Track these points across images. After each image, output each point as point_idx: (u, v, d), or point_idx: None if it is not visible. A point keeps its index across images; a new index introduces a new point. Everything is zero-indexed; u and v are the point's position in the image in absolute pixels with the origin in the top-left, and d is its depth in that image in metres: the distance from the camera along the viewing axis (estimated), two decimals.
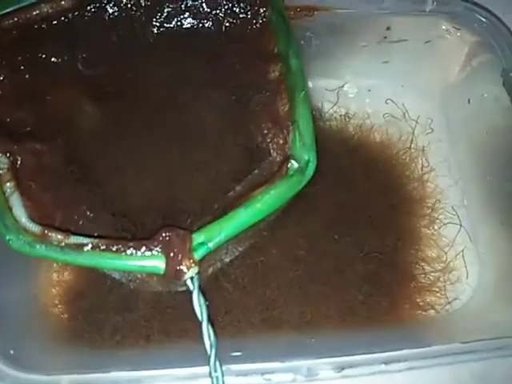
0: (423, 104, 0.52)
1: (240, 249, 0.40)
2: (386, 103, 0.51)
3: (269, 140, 0.40)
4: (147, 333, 0.39)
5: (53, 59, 0.40)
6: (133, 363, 0.34)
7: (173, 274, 0.33)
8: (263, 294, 0.40)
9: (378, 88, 0.52)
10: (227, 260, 0.40)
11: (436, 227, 0.47)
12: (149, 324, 0.39)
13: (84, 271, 0.41)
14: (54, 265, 0.42)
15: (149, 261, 0.32)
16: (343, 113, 0.50)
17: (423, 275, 0.44)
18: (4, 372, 0.32)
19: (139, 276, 0.36)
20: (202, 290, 0.33)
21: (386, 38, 0.49)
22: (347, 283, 0.42)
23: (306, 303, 0.40)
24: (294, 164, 0.37)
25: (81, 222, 0.35)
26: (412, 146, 0.50)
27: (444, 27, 0.47)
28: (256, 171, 0.40)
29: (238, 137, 0.41)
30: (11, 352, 0.33)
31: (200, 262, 0.33)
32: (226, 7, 0.42)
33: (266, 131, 0.40)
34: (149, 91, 0.41)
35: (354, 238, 0.43)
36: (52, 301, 0.40)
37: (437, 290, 0.44)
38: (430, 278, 0.45)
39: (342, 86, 0.51)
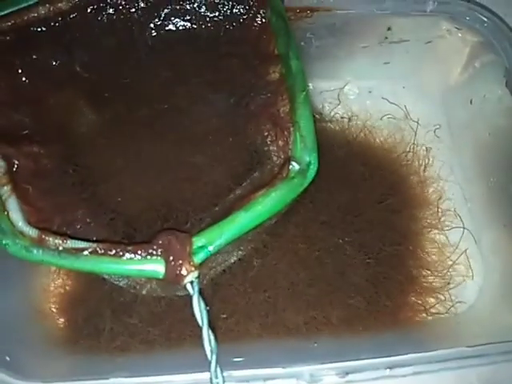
0: (425, 105, 0.51)
1: (240, 252, 0.40)
2: (387, 104, 0.51)
3: (269, 142, 0.39)
4: (147, 338, 0.38)
5: (50, 62, 0.39)
6: (132, 369, 0.34)
7: (172, 278, 0.32)
8: (264, 299, 0.40)
9: (379, 89, 0.51)
10: (227, 264, 0.40)
11: (439, 230, 0.46)
12: (148, 329, 0.38)
13: (81, 276, 0.40)
14: (51, 270, 0.41)
15: (148, 265, 0.32)
16: (344, 114, 0.50)
17: (427, 278, 0.44)
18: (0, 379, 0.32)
19: (138, 280, 0.36)
20: (202, 295, 0.32)
21: (386, 38, 0.48)
22: (349, 287, 0.41)
23: (308, 307, 0.40)
24: (295, 166, 0.36)
25: (79, 227, 0.35)
26: (414, 147, 0.49)
27: (445, 27, 0.47)
28: (256, 173, 0.39)
29: (238, 139, 0.40)
30: (7, 358, 0.33)
31: (200, 266, 0.33)
32: (224, 9, 0.41)
33: (266, 133, 0.40)
34: (147, 94, 0.41)
35: (356, 241, 0.42)
36: (49, 307, 0.40)
37: (441, 293, 0.43)
38: (434, 281, 0.44)
39: (343, 88, 0.51)
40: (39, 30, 0.39)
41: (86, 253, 0.31)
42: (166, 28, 0.42)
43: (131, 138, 0.40)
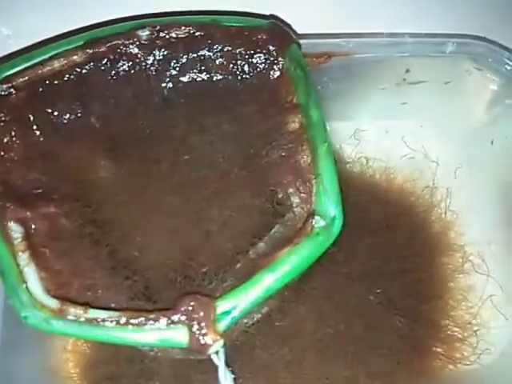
0: (444, 145, 0.50)
1: (262, 311, 0.38)
2: (405, 145, 0.50)
3: (290, 194, 0.38)
4: None
5: (66, 116, 0.39)
6: None
7: (197, 347, 0.31)
8: (287, 358, 0.38)
9: (396, 129, 0.50)
10: (248, 324, 0.38)
11: (463, 275, 0.45)
12: None
13: None
14: None
15: (171, 334, 0.31)
16: (361, 155, 0.49)
17: (453, 328, 0.42)
18: None
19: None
20: (228, 364, 0.31)
21: (404, 80, 0.47)
22: (375, 340, 0.39)
23: (335, 366, 0.38)
24: (320, 221, 0.35)
25: (98, 291, 0.33)
26: (434, 189, 0.48)
27: (465, 68, 0.46)
28: (278, 227, 0.38)
29: (258, 191, 0.39)
30: None
31: (225, 334, 0.31)
32: (241, 58, 0.41)
33: (286, 184, 0.39)
34: (164, 146, 0.40)
35: (380, 292, 0.41)
36: (68, 371, 0.38)
37: (467, 342, 0.42)
38: (461, 330, 0.42)
39: (359, 128, 0.50)
40: (54, 83, 0.38)
41: (107, 323, 0.30)
42: (183, 78, 0.41)
43: (148, 192, 0.39)
